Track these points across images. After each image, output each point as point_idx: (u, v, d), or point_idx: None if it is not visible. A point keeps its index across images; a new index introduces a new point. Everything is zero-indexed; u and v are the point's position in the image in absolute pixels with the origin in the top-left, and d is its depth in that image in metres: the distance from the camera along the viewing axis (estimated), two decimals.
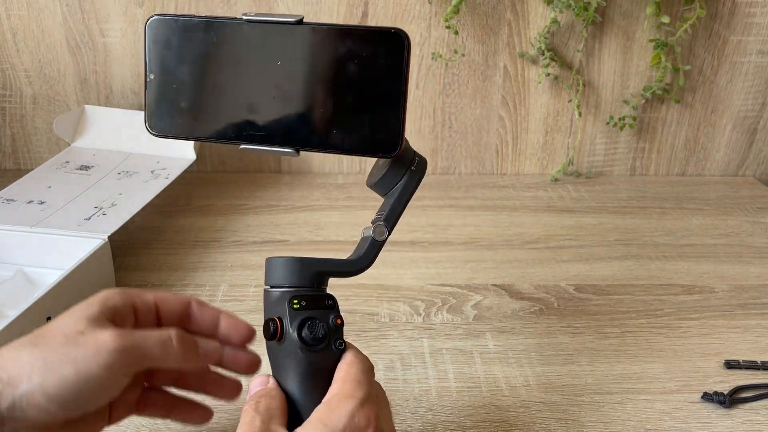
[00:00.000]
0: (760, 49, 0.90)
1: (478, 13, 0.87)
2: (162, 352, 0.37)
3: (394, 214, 0.43)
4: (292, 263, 0.40)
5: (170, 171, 0.79)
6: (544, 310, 0.65)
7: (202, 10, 0.86)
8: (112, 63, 0.89)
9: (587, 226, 0.83)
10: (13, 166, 0.95)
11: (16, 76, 0.90)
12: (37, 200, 0.72)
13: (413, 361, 0.58)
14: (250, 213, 0.84)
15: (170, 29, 0.41)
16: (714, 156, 0.98)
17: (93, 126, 0.87)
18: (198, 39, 0.40)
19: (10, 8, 0.86)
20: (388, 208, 0.43)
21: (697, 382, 0.56)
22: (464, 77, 0.91)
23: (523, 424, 0.51)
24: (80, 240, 0.64)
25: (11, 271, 0.65)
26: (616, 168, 0.98)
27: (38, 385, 0.34)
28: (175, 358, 0.38)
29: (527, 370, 0.57)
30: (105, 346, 0.35)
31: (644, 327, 0.63)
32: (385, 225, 0.43)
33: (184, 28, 0.40)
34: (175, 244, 0.76)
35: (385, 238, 0.43)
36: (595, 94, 0.93)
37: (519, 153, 0.96)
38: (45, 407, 0.34)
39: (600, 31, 0.89)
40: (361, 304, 0.65)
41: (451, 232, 0.80)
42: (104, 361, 0.35)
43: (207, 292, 0.67)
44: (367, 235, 0.43)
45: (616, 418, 0.52)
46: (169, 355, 0.37)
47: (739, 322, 0.64)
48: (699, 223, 0.84)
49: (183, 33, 0.40)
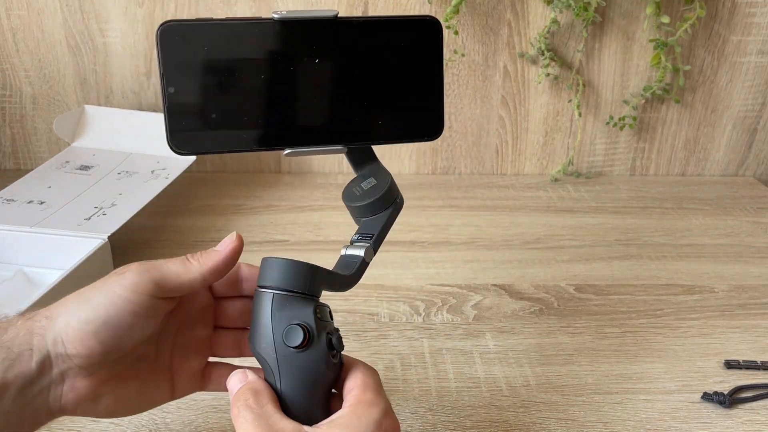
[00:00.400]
0: (760, 49, 0.90)
1: (478, 13, 0.87)
2: (183, 268, 0.39)
3: (380, 240, 0.43)
4: (310, 270, 0.39)
5: (170, 171, 0.79)
6: (544, 310, 0.65)
7: (202, 9, 0.86)
8: (112, 63, 0.89)
9: (587, 226, 0.83)
10: (13, 166, 0.95)
11: (16, 76, 0.90)
12: (37, 200, 0.72)
13: (413, 361, 0.58)
14: (250, 213, 0.84)
15: (189, 36, 0.38)
16: (714, 156, 0.98)
17: (93, 126, 0.87)
18: (224, 44, 0.38)
19: (10, 8, 0.86)
20: (376, 234, 0.43)
21: (697, 382, 0.56)
22: (464, 77, 0.91)
23: (523, 424, 0.51)
24: (80, 240, 0.64)
25: (11, 271, 0.65)
26: (616, 168, 0.98)
27: (74, 316, 0.36)
28: (196, 268, 0.39)
29: (527, 370, 0.57)
30: (128, 269, 0.38)
31: (644, 327, 0.63)
32: (373, 248, 0.43)
33: (205, 34, 0.38)
34: (175, 244, 0.76)
35: (371, 260, 0.43)
36: (595, 94, 0.93)
37: (519, 153, 0.96)
38: (81, 338, 0.36)
39: (600, 31, 0.89)
40: (361, 304, 0.65)
41: (451, 232, 0.80)
42: (128, 282, 0.37)
43: None
44: (356, 254, 0.43)
45: (616, 418, 0.52)
46: (190, 268, 0.39)
47: (739, 322, 0.64)
48: (699, 223, 0.84)
49: (205, 39, 0.38)
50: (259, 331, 0.38)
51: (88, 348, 0.36)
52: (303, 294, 0.38)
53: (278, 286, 0.38)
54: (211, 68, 0.39)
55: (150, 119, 0.87)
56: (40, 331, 0.37)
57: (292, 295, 0.38)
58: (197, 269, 0.39)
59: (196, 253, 0.40)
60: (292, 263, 0.38)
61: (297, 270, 0.38)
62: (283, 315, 0.38)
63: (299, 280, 0.38)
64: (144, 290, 0.37)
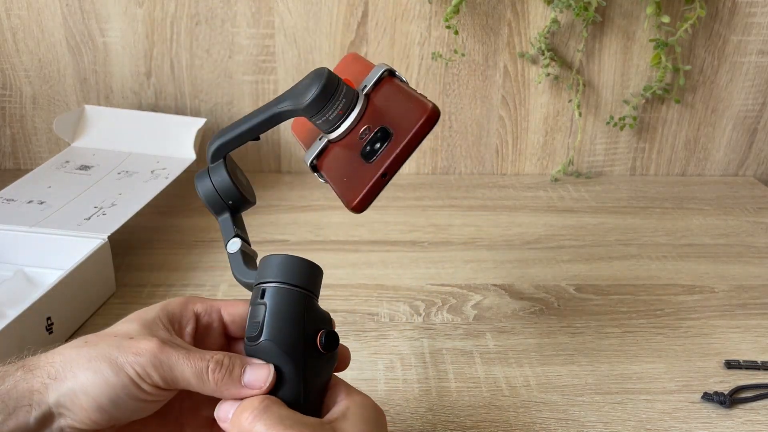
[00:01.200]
0: (760, 49, 0.90)
1: (478, 13, 0.87)
2: (197, 381, 0.36)
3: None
4: (319, 271, 0.40)
5: (170, 171, 0.79)
6: (544, 310, 0.65)
7: (201, 9, 0.86)
8: (112, 63, 0.89)
9: (587, 226, 0.83)
10: (12, 166, 0.95)
11: (16, 76, 0.90)
12: (37, 200, 0.72)
13: (413, 361, 0.58)
14: (250, 213, 0.84)
15: None
16: (714, 156, 0.98)
17: (93, 126, 0.87)
18: None
19: (10, 8, 0.86)
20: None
21: (698, 382, 0.56)
22: (464, 77, 0.91)
23: (523, 424, 0.51)
24: (80, 240, 0.64)
25: (11, 271, 0.65)
26: (616, 168, 0.98)
27: (80, 383, 0.34)
28: (210, 389, 0.36)
29: (527, 370, 0.57)
30: (142, 354, 0.35)
31: (644, 327, 0.63)
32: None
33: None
34: (175, 244, 0.76)
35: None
36: (595, 94, 0.93)
37: (519, 153, 0.96)
38: (86, 407, 0.34)
39: (600, 31, 0.89)
40: (361, 304, 0.65)
41: (451, 232, 0.80)
42: (138, 370, 0.35)
43: (207, 292, 0.67)
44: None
45: (616, 418, 0.52)
46: (204, 386, 0.36)
47: (739, 322, 0.64)
48: (699, 223, 0.84)
49: None
50: (286, 327, 0.37)
51: (92, 420, 0.35)
52: (318, 298, 0.40)
53: (306, 287, 0.39)
54: None
55: (150, 119, 0.87)
56: (42, 388, 0.35)
57: (315, 298, 0.39)
58: (211, 389, 0.36)
59: (218, 368, 0.36)
60: (317, 267, 0.40)
61: (318, 275, 0.40)
62: (315, 316, 0.39)
63: (318, 285, 0.40)
64: (154, 382, 0.35)
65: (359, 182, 0.40)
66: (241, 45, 0.88)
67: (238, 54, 0.89)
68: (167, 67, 0.89)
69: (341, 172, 0.43)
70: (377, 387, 0.55)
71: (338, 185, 0.43)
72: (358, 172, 0.41)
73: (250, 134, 0.44)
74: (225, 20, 0.87)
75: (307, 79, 0.43)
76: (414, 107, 0.40)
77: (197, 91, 0.91)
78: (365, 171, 0.41)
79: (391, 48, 0.89)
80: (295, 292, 0.38)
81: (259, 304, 0.38)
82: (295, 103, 0.42)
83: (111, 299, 0.66)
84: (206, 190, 0.45)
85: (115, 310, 0.64)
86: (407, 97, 0.41)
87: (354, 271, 0.71)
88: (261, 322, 0.37)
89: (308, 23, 0.87)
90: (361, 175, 0.41)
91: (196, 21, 0.87)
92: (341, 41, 0.88)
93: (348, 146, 0.43)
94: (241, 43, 0.88)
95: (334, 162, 0.45)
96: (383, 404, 0.53)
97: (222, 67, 0.89)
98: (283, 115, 0.43)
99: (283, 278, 0.38)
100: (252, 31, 0.88)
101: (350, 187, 0.41)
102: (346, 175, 0.42)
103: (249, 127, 0.44)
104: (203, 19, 0.87)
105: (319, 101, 0.41)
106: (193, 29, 0.87)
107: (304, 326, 0.38)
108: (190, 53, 0.89)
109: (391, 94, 0.43)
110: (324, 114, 0.42)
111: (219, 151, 0.45)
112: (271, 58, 0.89)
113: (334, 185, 0.44)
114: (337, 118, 0.43)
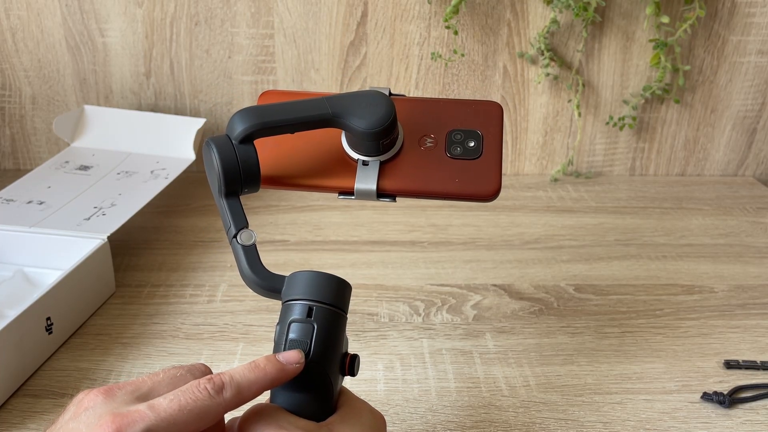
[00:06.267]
0: (760, 49, 0.90)
1: (478, 13, 0.87)
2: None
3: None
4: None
5: (170, 171, 0.79)
6: (544, 310, 0.65)
7: (201, 9, 0.86)
8: (112, 63, 0.89)
9: (587, 226, 0.83)
10: (12, 166, 0.95)
11: (16, 76, 0.90)
12: (36, 200, 0.72)
13: (413, 361, 0.58)
14: (250, 213, 0.84)
15: None
16: (714, 156, 0.98)
17: (92, 126, 0.87)
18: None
19: (10, 8, 0.86)
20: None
21: (697, 382, 0.56)
22: (464, 77, 0.91)
23: (523, 424, 0.51)
24: (80, 240, 0.64)
25: (11, 271, 0.65)
26: (615, 168, 0.98)
27: None
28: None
29: (527, 370, 0.57)
30: None
31: (644, 327, 0.63)
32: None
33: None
34: (175, 244, 0.76)
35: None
36: (595, 94, 0.93)
37: (519, 153, 0.96)
38: None
39: (600, 31, 0.89)
40: (361, 304, 0.65)
41: (451, 232, 0.80)
42: None
43: (207, 292, 0.67)
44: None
45: (615, 418, 0.52)
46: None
47: (739, 322, 0.64)
48: (699, 223, 0.84)
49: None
50: (331, 350, 0.38)
51: None
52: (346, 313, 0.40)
53: (346, 311, 0.39)
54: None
55: (150, 119, 0.87)
56: None
57: (345, 315, 0.40)
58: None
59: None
60: (341, 281, 0.40)
61: (345, 287, 0.40)
62: (345, 339, 0.39)
63: (345, 298, 0.40)
64: None
65: (481, 174, 0.45)
66: (241, 45, 0.88)
67: (238, 54, 0.89)
68: (167, 67, 0.89)
69: (442, 176, 0.45)
70: (377, 387, 0.55)
71: (449, 187, 0.45)
72: (469, 168, 0.45)
73: (291, 130, 0.42)
74: (224, 20, 0.87)
75: (369, 98, 0.43)
76: (481, 106, 0.47)
77: (197, 91, 0.91)
78: (478, 165, 0.45)
79: (391, 48, 0.89)
80: (342, 316, 0.39)
81: (305, 323, 0.37)
82: (359, 123, 0.42)
83: (110, 299, 0.66)
84: (228, 163, 0.40)
85: (114, 311, 0.64)
86: (460, 102, 0.48)
87: (353, 271, 0.71)
88: (309, 342, 0.37)
89: (308, 23, 0.87)
90: (475, 168, 0.45)
91: (196, 21, 0.87)
92: (341, 41, 0.88)
93: (414, 157, 0.46)
94: (241, 44, 0.88)
95: (411, 176, 0.45)
96: (383, 404, 0.53)
97: (221, 67, 0.90)
98: (335, 125, 0.43)
99: (332, 300, 0.38)
100: (251, 31, 0.88)
101: (472, 180, 0.44)
102: (456, 176, 0.45)
103: (292, 123, 0.42)
104: (203, 20, 0.87)
105: (391, 126, 0.43)
106: (193, 29, 0.87)
107: (343, 350, 0.39)
108: (190, 53, 0.89)
109: (430, 104, 0.48)
110: (387, 137, 0.44)
111: (253, 136, 0.41)
112: (271, 59, 0.89)
113: (442, 190, 0.45)
114: (393, 141, 0.45)
